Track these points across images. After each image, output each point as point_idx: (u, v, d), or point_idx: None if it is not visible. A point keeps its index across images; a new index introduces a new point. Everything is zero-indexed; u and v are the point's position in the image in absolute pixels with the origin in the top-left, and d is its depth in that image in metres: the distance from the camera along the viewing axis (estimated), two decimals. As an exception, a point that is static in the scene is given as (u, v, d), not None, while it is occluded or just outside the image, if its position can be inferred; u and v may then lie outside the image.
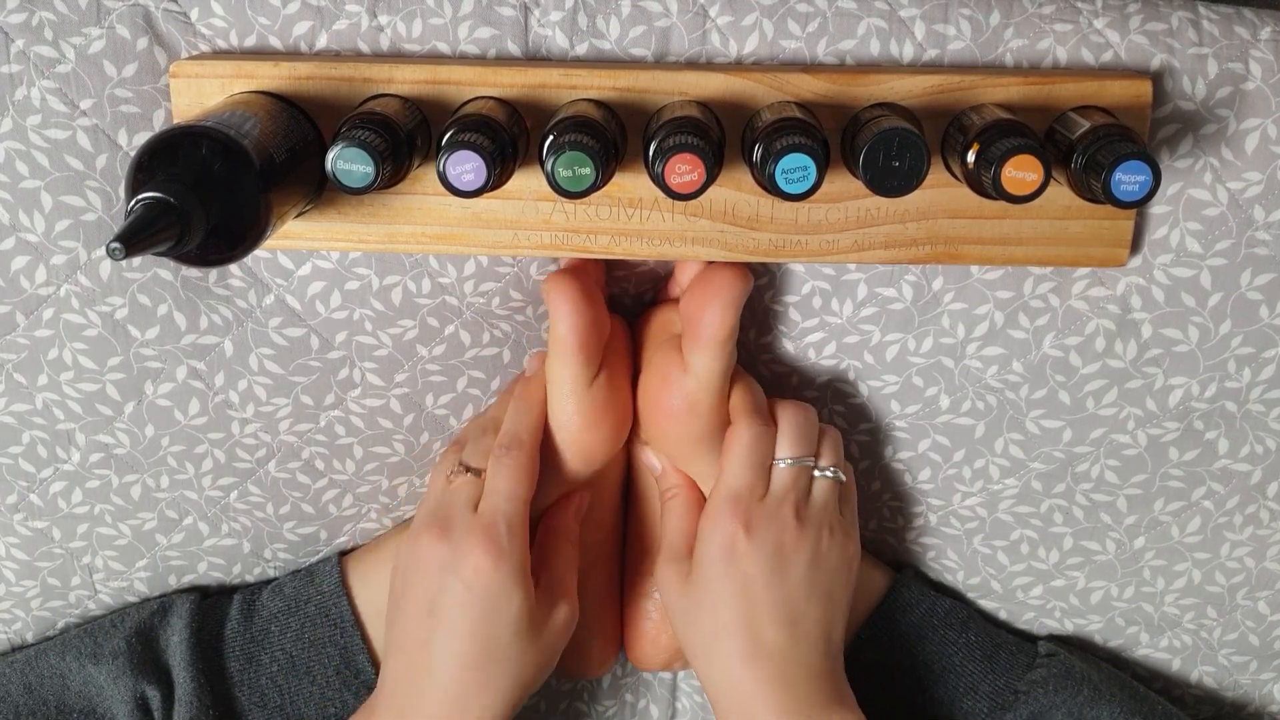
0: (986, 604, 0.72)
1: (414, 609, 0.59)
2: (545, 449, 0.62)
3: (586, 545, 0.67)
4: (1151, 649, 0.72)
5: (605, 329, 0.61)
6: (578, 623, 0.67)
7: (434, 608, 0.58)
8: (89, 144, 0.58)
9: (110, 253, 0.43)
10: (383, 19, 0.58)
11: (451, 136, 0.52)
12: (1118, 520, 0.68)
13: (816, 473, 0.62)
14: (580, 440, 0.62)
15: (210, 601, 0.69)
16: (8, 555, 0.68)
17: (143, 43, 0.57)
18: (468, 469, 0.61)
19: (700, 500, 0.63)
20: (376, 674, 0.66)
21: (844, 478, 0.63)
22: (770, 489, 0.61)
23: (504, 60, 0.58)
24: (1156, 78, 0.58)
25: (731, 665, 0.59)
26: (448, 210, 0.59)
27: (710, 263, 0.61)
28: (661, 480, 0.65)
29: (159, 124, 0.59)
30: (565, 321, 0.59)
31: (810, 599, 0.59)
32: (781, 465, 0.61)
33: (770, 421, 0.62)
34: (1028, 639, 0.72)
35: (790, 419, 0.62)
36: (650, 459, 0.65)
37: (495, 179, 0.51)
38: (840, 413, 0.67)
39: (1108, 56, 0.58)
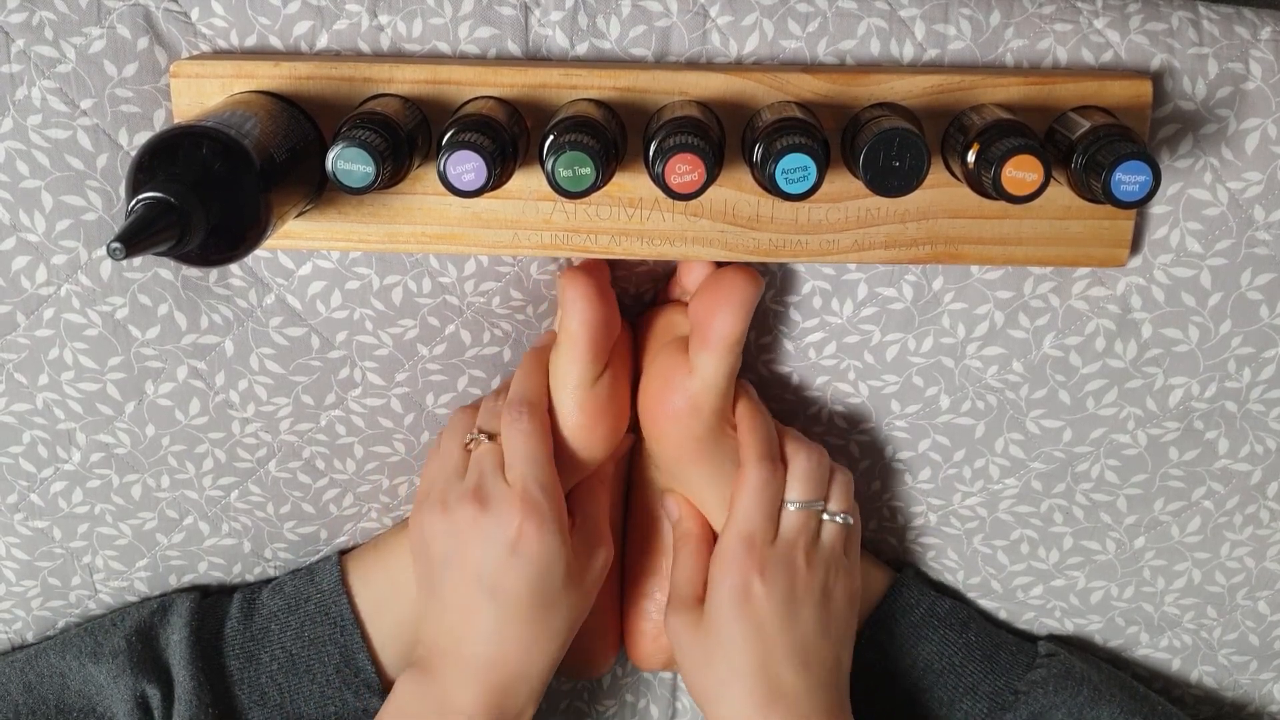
0: (986, 604, 0.72)
1: (461, 578, 0.60)
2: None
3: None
4: (1151, 649, 0.72)
5: (616, 328, 0.61)
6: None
7: (482, 574, 0.59)
8: (89, 144, 0.58)
9: (111, 253, 0.43)
10: (383, 19, 0.58)
11: (452, 136, 0.52)
12: (1118, 520, 0.68)
13: (825, 517, 0.62)
14: (577, 438, 0.62)
15: (210, 601, 0.69)
16: (8, 555, 0.68)
17: (143, 42, 0.57)
18: (487, 436, 0.62)
19: (710, 548, 0.63)
20: (376, 672, 0.66)
21: (852, 522, 0.63)
22: (780, 533, 0.61)
23: (504, 60, 0.58)
24: (1157, 78, 0.58)
25: (747, 710, 0.59)
26: (448, 210, 0.59)
27: (720, 265, 0.61)
28: (677, 525, 0.65)
29: (159, 124, 0.59)
30: (578, 317, 0.59)
31: (822, 640, 0.60)
32: (791, 508, 0.61)
33: (780, 463, 0.62)
34: (1028, 639, 0.72)
35: (801, 462, 0.62)
36: (670, 506, 0.66)
37: (495, 179, 0.51)
38: (840, 413, 0.67)
39: (1108, 56, 0.58)
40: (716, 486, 0.63)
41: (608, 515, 0.64)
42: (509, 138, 0.53)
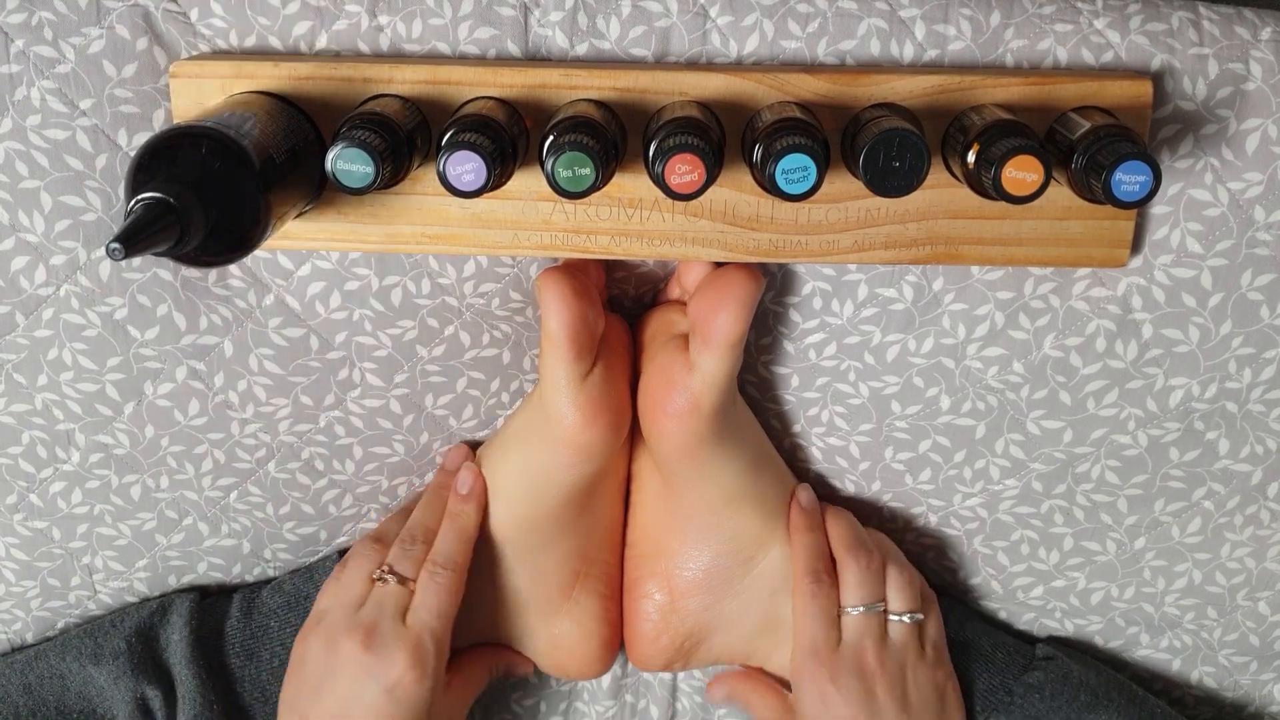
0: (986, 604, 0.72)
1: (327, 710, 0.60)
2: (544, 455, 0.63)
3: (587, 545, 0.67)
4: (1152, 649, 0.72)
5: (597, 324, 0.61)
6: (578, 624, 0.67)
7: (350, 711, 0.60)
8: (89, 144, 0.58)
9: (110, 253, 0.43)
10: (383, 19, 0.58)
11: (451, 137, 0.52)
12: (1118, 521, 0.68)
13: (893, 618, 0.64)
14: (577, 437, 0.61)
15: (210, 601, 0.69)
16: (7, 555, 0.68)
17: (142, 43, 0.57)
18: (397, 576, 0.63)
19: (763, 677, 0.68)
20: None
21: (920, 618, 0.65)
22: (843, 639, 0.63)
23: (504, 60, 0.58)
24: (1157, 78, 0.58)
25: None
26: (448, 210, 0.59)
27: (720, 264, 0.61)
28: (736, 694, 0.69)
29: (159, 124, 0.59)
30: (555, 317, 0.59)
31: None
32: (851, 614, 0.63)
33: (827, 573, 0.64)
34: (1028, 640, 0.72)
35: (850, 569, 0.64)
36: (717, 696, 0.70)
37: (495, 179, 0.51)
38: (840, 414, 0.67)
39: (1108, 57, 0.58)
40: (716, 485, 0.63)
41: (474, 693, 0.67)
42: (509, 138, 0.53)
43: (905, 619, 0.64)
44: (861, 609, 0.63)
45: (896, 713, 0.61)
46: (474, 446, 0.68)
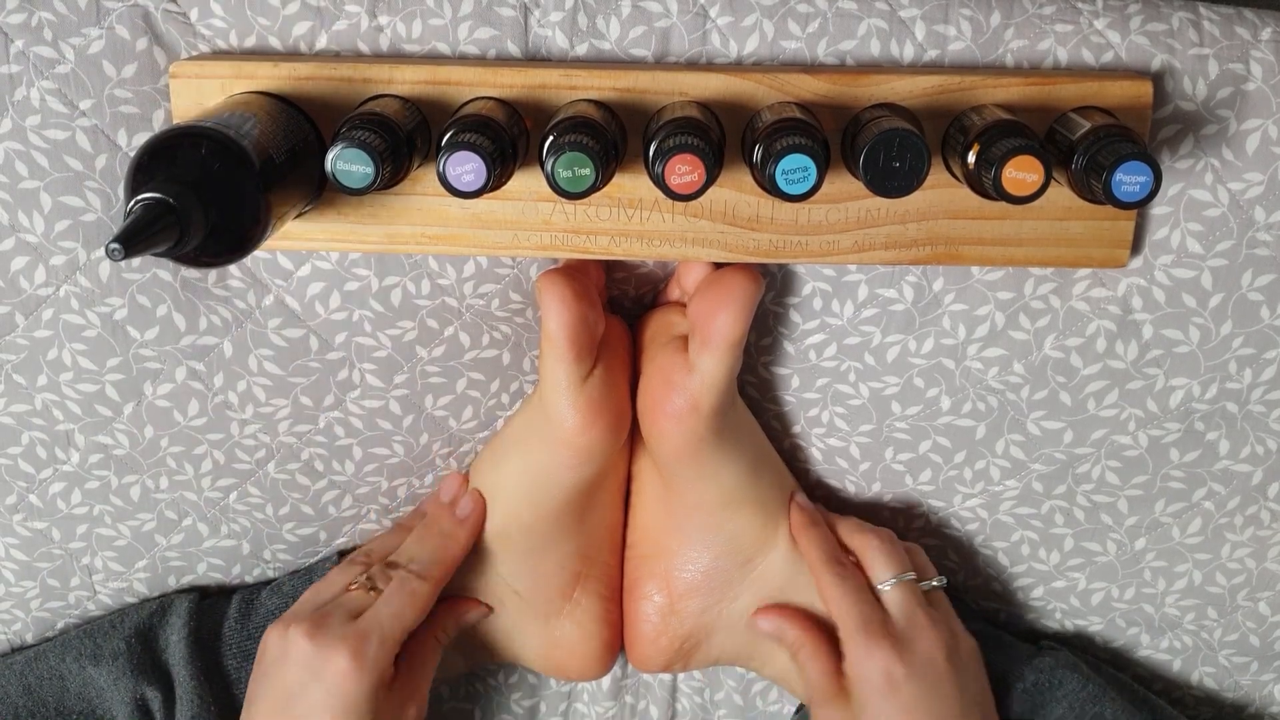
0: (986, 604, 0.72)
1: (272, 698, 0.60)
2: (544, 457, 0.63)
3: (587, 546, 0.67)
4: (1152, 650, 0.72)
5: (597, 326, 0.61)
6: (579, 625, 0.67)
7: (290, 701, 0.60)
8: (88, 144, 0.58)
9: (109, 253, 0.43)
10: (383, 19, 0.58)
11: (451, 137, 0.52)
12: (1118, 521, 0.68)
13: (924, 585, 0.64)
14: (577, 438, 0.61)
15: (209, 602, 0.69)
16: (7, 556, 0.68)
17: (142, 43, 0.57)
18: (372, 588, 0.63)
19: (824, 636, 0.64)
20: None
21: (945, 582, 0.65)
22: (891, 612, 0.62)
23: (504, 60, 0.58)
24: (1157, 78, 0.58)
25: None
26: (447, 211, 0.59)
27: (720, 265, 0.61)
28: (784, 638, 0.65)
29: (158, 124, 0.59)
30: (555, 318, 0.59)
31: (969, 703, 0.61)
32: (887, 588, 0.63)
33: (844, 560, 0.64)
34: (1028, 640, 0.72)
35: (872, 546, 0.64)
36: (764, 626, 0.66)
37: (495, 179, 0.51)
38: (840, 414, 0.67)
39: (1108, 57, 0.58)
40: (716, 486, 0.63)
41: (431, 675, 0.64)
42: (509, 138, 0.53)
43: (936, 583, 0.65)
44: (896, 580, 0.63)
45: (954, 683, 0.61)
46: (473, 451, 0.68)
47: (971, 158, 0.53)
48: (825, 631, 0.64)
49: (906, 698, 0.60)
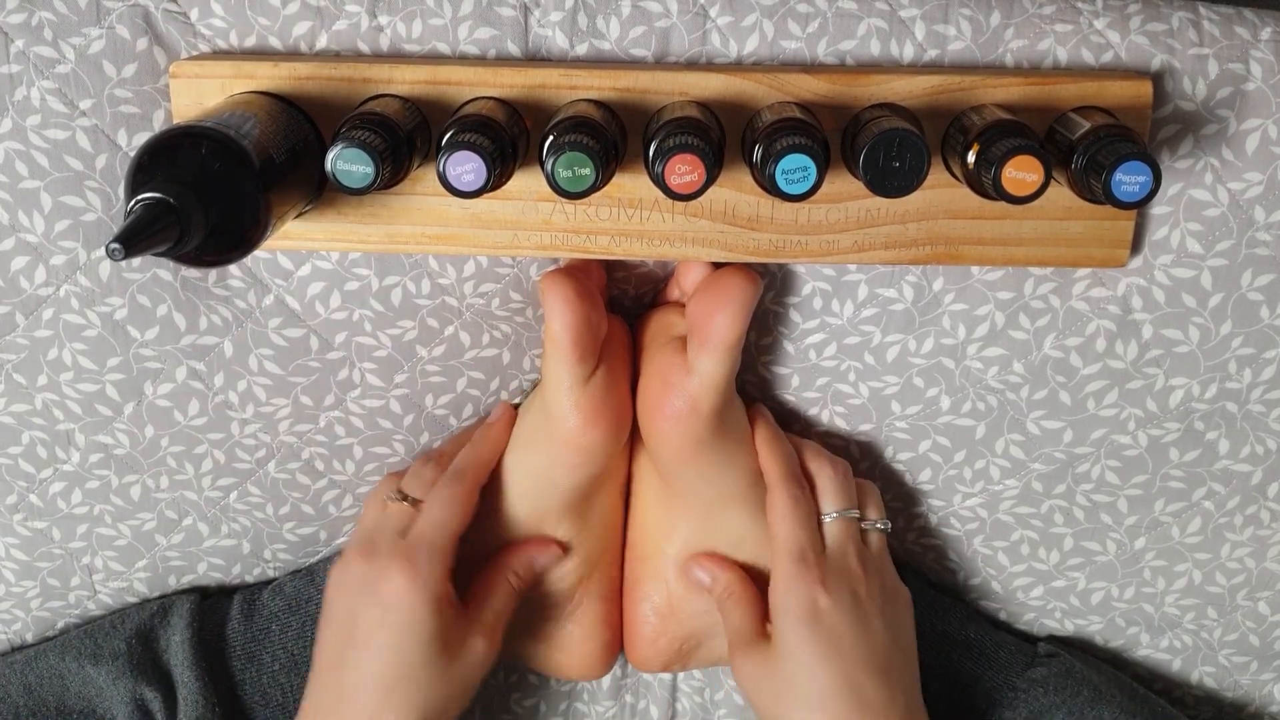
0: (986, 604, 0.72)
1: (335, 629, 0.60)
2: (545, 457, 0.63)
3: (588, 548, 0.67)
4: (1152, 650, 0.72)
5: (600, 327, 0.61)
6: (579, 625, 0.67)
7: (352, 628, 0.60)
8: (89, 144, 0.58)
9: (110, 253, 0.43)
10: (383, 19, 0.58)
11: (451, 137, 0.52)
12: (1118, 521, 0.68)
13: (865, 525, 0.63)
14: (579, 438, 0.61)
15: (210, 602, 0.69)
16: (7, 556, 0.68)
17: (142, 43, 0.57)
18: (405, 497, 0.63)
19: (752, 586, 0.64)
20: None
21: (890, 526, 0.64)
22: (827, 544, 0.62)
23: (504, 60, 0.58)
24: (1157, 78, 0.58)
25: None
26: (447, 211, 0.59)
27: (718, 265, 0.61)
28: (715, 586, 0.65)
29: (159, 124, 0.59)
30: (559, 319, 0.59)
31: (893, 646, 0.60)
32: (829, 519, 0.62)
33: (804, 481, 0.63)
34: (1028, 640, 0.72)
35: (826, 475, 0.63)
36: (698, 572, 0.65)
37: (495, 179, 0.51)
38: (840, 414, 0.67)
39: (1108, 57, 0.58)
40: (715, 487, 0.63)
41: (505, 616, 0.63)
42: (509, 138, 0.53)
43: (880, 525, 0.64)
44: (839, 514, 0.62)
45: (880, 622, 0.60)
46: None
47: (971, 158, 0.53)
48: (756, 586, 0.64)
49: (827, 628, 0.59)
